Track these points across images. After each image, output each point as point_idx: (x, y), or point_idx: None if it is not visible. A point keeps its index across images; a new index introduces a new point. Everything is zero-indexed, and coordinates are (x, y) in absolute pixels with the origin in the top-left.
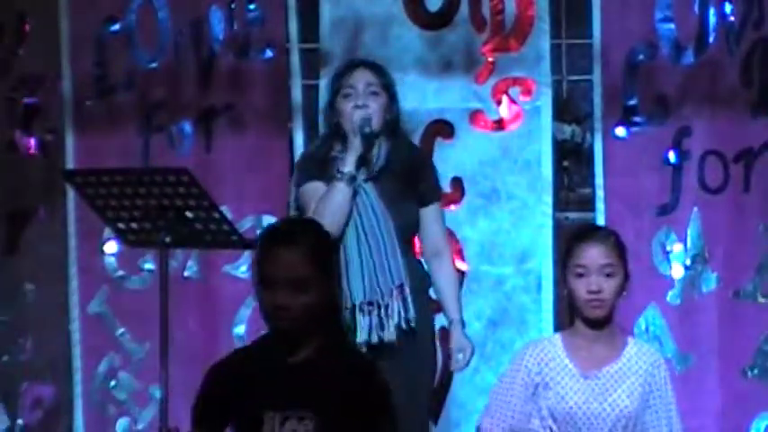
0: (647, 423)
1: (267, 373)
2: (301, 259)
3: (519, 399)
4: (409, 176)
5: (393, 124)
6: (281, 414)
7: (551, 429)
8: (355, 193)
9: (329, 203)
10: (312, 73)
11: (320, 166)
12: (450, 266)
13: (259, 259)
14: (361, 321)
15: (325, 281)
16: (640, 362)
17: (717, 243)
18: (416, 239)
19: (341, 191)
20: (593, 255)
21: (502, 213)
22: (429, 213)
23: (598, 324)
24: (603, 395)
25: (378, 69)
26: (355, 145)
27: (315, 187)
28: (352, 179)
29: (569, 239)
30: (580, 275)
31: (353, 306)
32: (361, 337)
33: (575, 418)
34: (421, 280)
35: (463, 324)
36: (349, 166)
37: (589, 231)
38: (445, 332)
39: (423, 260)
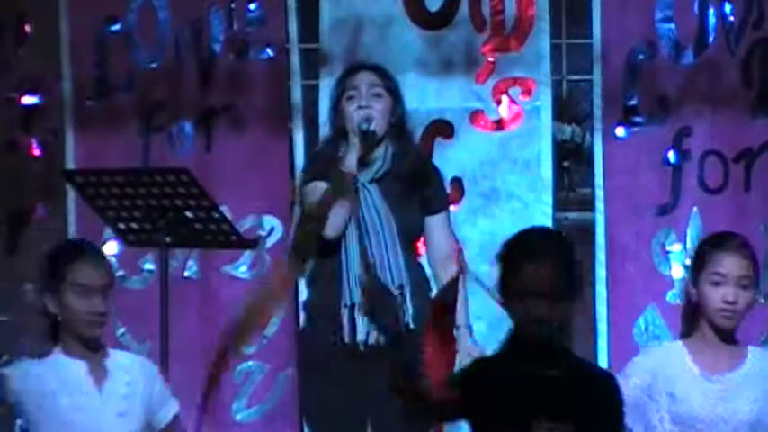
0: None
1: (529, 384)
2: (560, 272)
3: (648, 404)
4: (414, 181)
5: (398, 127)
6: (546, 425)
7: None
8: (357, 192)
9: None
10: (312, 73)
11: (325, 165)
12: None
13: (514, 270)
14: (359, 321)
15: (575, 293)
16: (764, 371)
17: None
18: (421, 243)
19: None
20: (733, 265)
21: (502, 213)
22: (436, 223)
23: (726, 333)
24: (726, 399)
25: (381, 72)
26: (355, 145)
27: (317, 187)
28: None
29: (704, 246)
30: (716, 284)
31: (352, 305)
32: (358, 337)
33: (696, 421)
34: (422, 282)
35: (471, 330)
36: (349, 166)
37: (727, 240)
38: None
39: (429, 266)
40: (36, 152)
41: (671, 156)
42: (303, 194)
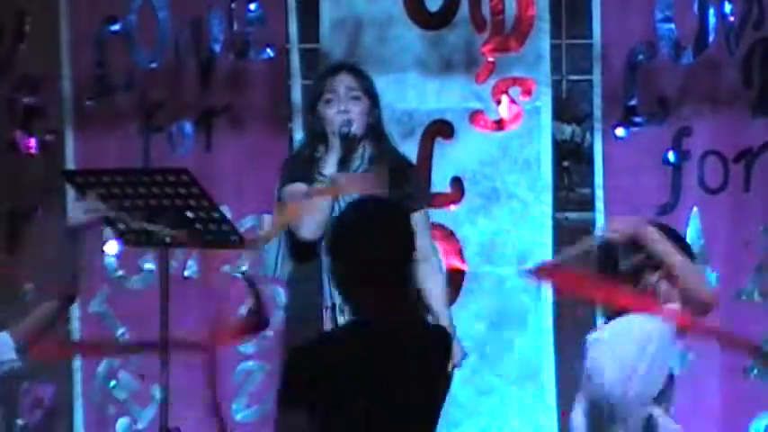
0: None
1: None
2: (394, 240)
3: None
4: (393, 179)
5: (375, 128)
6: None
7: None
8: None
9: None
10: (312, 73)
11: (304, 167)
12: (439, 271)
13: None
14: (341, 322)
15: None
16: None
17: (717, 243)
18: None
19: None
20: None
21: (502, 213)
22: (415, 220)
23: None
24: None
25: (359, 73)
26: (335, 147)
27: (296, 189)
28: (333, 182)
29: None
30: None
31: (333, 305)
32: None
33: None
34: None
35: (453, 331)
36: (329, 168)
37: None
38: None
39: None
40: (36, 152)
41: (671, 156)
42: (282, 197)
